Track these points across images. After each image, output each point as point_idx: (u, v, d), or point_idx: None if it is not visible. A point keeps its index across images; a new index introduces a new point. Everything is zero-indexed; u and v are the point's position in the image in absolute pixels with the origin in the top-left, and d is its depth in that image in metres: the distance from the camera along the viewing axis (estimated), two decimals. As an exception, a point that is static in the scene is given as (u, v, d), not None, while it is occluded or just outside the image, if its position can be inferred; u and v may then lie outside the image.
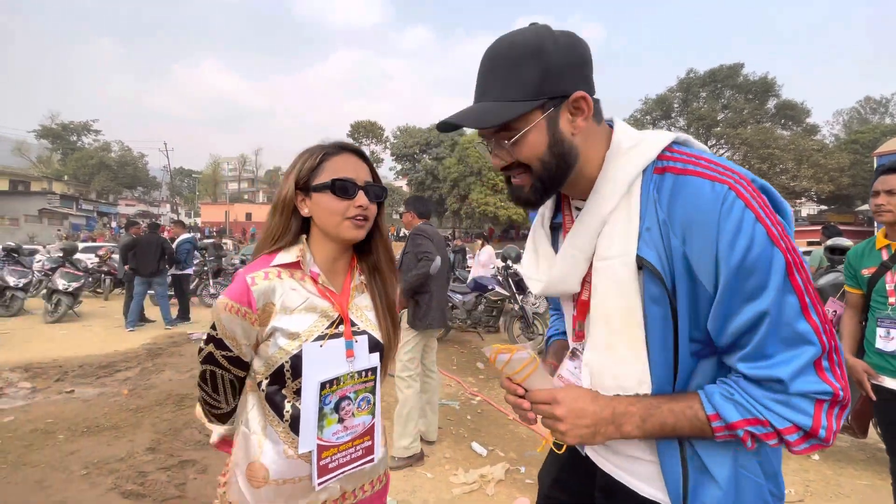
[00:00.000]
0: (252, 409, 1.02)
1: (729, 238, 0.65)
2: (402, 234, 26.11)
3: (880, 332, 1.96)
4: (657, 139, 0.77)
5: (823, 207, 34.90)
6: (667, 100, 37.10)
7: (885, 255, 1.98)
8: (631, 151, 0.77)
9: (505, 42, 0.76)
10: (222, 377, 1.01)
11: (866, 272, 2.03)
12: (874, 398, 1.96)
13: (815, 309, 0.66)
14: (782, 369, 0.65)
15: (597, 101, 0.79)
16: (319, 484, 0.97)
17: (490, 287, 6.57)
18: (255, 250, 1.06)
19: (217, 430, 1.10)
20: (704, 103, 34.99)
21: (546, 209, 0.94)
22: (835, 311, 3.88)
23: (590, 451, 0.91)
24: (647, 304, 0.73)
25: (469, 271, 10.14)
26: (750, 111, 33.16)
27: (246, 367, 1.01)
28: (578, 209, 0.84)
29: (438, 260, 3.13)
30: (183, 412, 3.81)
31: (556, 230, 0.93)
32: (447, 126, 0.77)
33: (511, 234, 36.45)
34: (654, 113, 37.81)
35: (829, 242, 5.01)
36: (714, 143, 35.35)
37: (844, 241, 4.88)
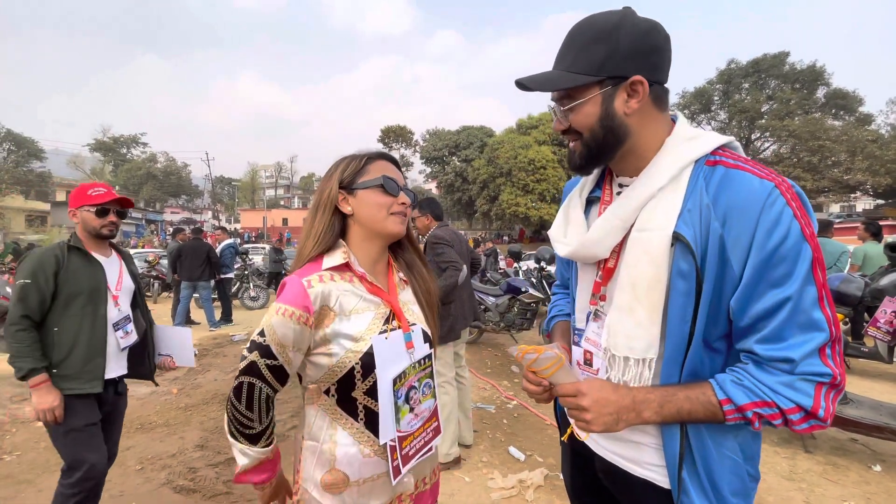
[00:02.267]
0: (315, 419, 1.03)
1: (768, 226, 0.72)
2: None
3: None
4: (714, 137, 0.85)
5: (880, 202, 32.63)
6: (706, 92, 35.57)
7: None
8: (690, 142, 0.84)
9: (588, 21, 0.84)
10: (259, 391, 0.96)
11: None
12: None
13: (828, 301, 0.74)
14: (795, 351, 0.72)
15: (662, 89, 0.85)
16: (404, 473, 1.02)
17: (523, 289, 6.50)
18: (297, 253, 1.07)
19: (247, 452, 0.99)
20: (747, 95, 33.34)
21: (588, 181, 1.00)
22: (894, 311, 3.61)
23: (588, 441, 0.99)
24: (673, 278, 0.79)
25: (501, 273, 10.08)
26: (797, 101, 31.36)
27: (284, 380, 0.99)
28: (621, 186, 0.91)
29: (465, 269, 3.03)
30: (228, 411, 3.97)
31: (592, 203, 0.99)
32: (521, 85, 0.86)
33: (543, 235, 35.96)
34: (693, 107, 36.35)
35: (890, 239, 4.70)
36: (759, 136, 33.65)
37: (906, 238, 4.56)
